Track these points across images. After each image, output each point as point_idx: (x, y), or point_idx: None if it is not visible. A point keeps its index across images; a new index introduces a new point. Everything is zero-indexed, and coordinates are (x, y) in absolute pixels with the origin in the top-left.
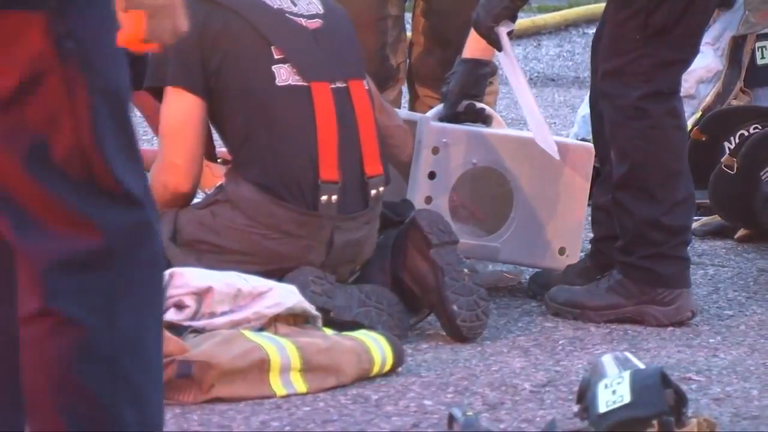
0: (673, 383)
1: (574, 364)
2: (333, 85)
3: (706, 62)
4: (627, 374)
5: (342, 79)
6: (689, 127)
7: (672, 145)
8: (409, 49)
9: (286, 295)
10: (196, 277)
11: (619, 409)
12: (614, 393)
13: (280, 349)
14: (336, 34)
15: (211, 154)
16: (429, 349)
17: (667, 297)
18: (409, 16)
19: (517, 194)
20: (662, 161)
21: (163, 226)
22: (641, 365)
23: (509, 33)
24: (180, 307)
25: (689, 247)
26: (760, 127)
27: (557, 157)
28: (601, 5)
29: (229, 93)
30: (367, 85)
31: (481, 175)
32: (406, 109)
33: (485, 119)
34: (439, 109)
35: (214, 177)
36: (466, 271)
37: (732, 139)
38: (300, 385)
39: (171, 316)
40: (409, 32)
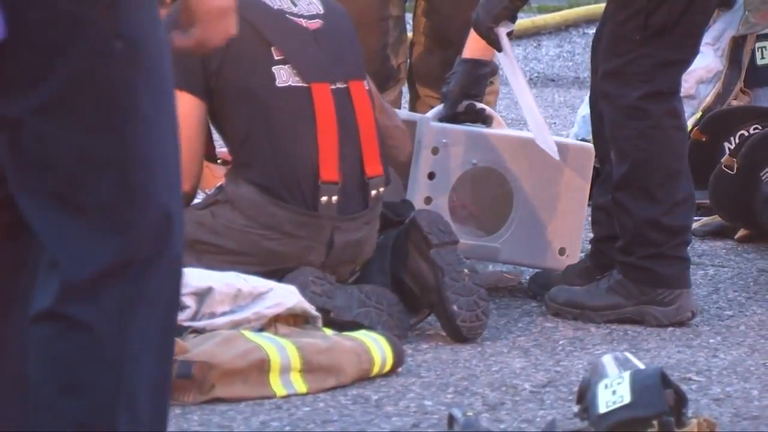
0: (673, 383)
1: (574, 365)
2: (333, 86)
3: (706, 62)
4: (627, 374)
5: (342, 80)
6: (689, 128)
7: (672, 145)
8: (410, 49)
9: (286, 296)
10: (196, 277)
11: (619, 409)
12: (614, 393)
13: (280, 350)
14: (336, 35)
15: (211, 155)
16: (429, 350)
17: (667, 297)
18: (409, 17)
19: (517, 194)
20: (662, 161)
21: None
22: (641, 365)
23: (509, 33)
24: (180, 307)
25: (689, 248)
26: (760, 128)
27: (557, 157)
28: (601, 5)
29: (230, 94)
30: (367, 86)
31: (481, 176)
32: (406, 110)
33: (485, 119)
34: (439, 109)
35: (214, 178)
36: (466, 271)
37: (732, 139)
38: (300, 386)
39: None
40: (410, 32)
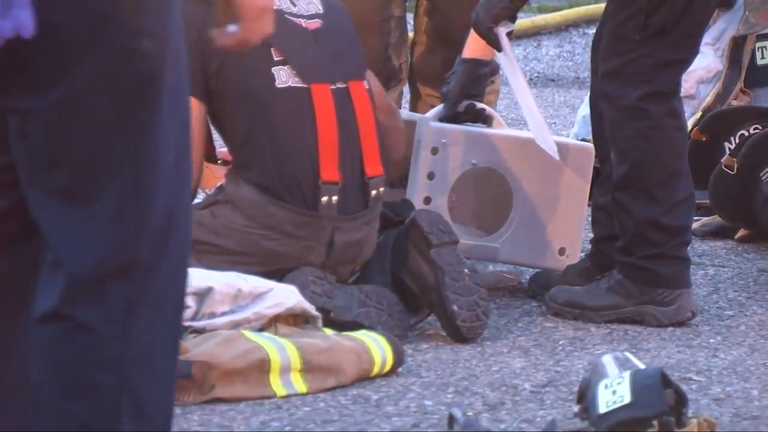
0: (673, 383)
1: (574, 365)
2: (333, 86)
3: (706, 62)
4: (627, 374)
5: (342, 80)
6: (689, 128)
7: (672, 145)
8: (411, 49)
9: (286, 296)
10: (196, 277)
11: (620, 409)
12: (614, 393)
13: (281, 350)
14: (336, 34)
15: (211, 156)
16: (429, 350)
17: (667, 297)
18: (410, 16)
19: (516, 194)
20: (662, 161)
21: None
22: (641, 365)
23: (509, 33)
24: None
25: (689, 248)
26: (760, 128)
27: (557, 157)
28: (602, 5)
29: (230, 95)
30: (367, 85)
31: (481, 176)
32: (406, 109)
33: (485, 119)
34: (439, 109)
35: (215, 178)
36: (467, 271)
37: (732, 139)
38: (300, 386)
39: None
40: (410, 32)
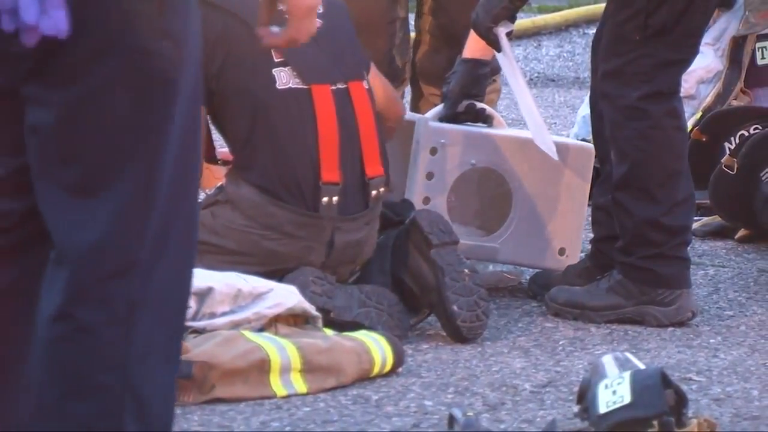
0: (673, 383)
1: (574, 365)
2: (333, 87)
3: (706, 62)
4: (627, 375)
5: (342, 81)
6: (689, 128)
7: (672, 145)
8: (414, 48)
9: (286, 296)
10: (196, 277)
11: (620, 409)
12: (614, 393)
13: (281, 350)
14: (336, 34)
15: (211, 156)
16: (429, 350)
17: (667, 297)
18: (411, 16)
19: (516, 195)
20: (662, 161)
21: None
22: (641, 366)
23: (508, 34)
24: None
25: (689, 248)
26: (760, 128)
27: (556, 158)
28: (602, 5)
29: (230, 96)
30: (367, 85)
31: (480, 176)
32: (407, 109)
33: (486, 119)
34: (439, 109)
35: (215, 178)
36: (467, 271)
37: (732, 139)
38: (300, 386)
39: None
40: (411, 32)
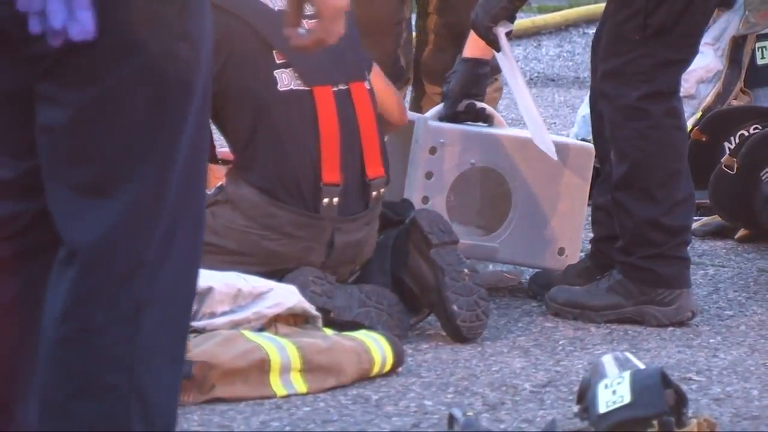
0: (673, 383)
1: (574, 365)
2: (335, 88)
3: (706, 62)
4: (627, 374)
5: (344, 82)
6: (689, 127)
7: (672, 145)
8: (417, 48)
9: (286, 295)
10: None
11: (620, 409)
12: (614, 393)
13: (281, 350)
14: None
15: (212, 155)
16: (429, 350)
17: (667, 297)
18: (412, 16)
19: (516, 194)
20: (662, 161)
21: None
22: (641, 365)
23: (508, 33)
24: None
25: (689, 247)
26: (760, 127)
27: (555, 157)
28: (602, 5)
29: (232, 96)
30: (368, 86)
31: (480, 176)
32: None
33: (486, 119)
34: (440, 108)
35: (215, 178)
36: (467, 271)
37: (732, 139)
38: (300, 386)
39: None
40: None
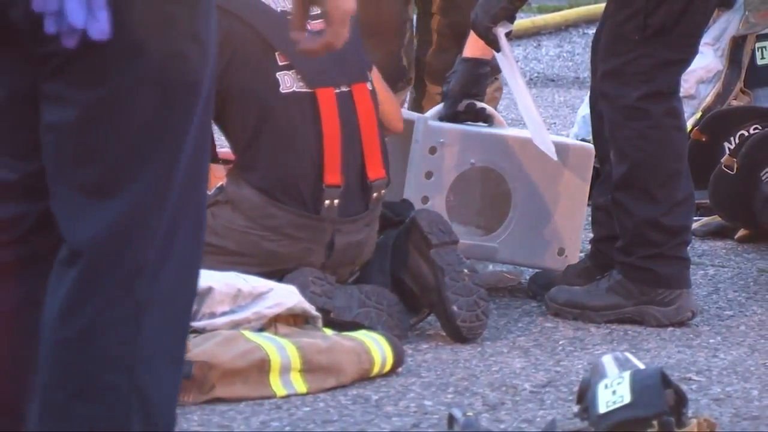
0: (673, 383)
1: (574, 365)
2: (337, 90)
3: (706, 62)
4: (627, 374)
5: (346, 84)
6: (689, 128)
7: (672, 145)
8: (420, 48)
9: (286, 296)
10: None
11: (620, 409)
12: (614, 393)
13: (280, 350)
14: None
15: (213, 154)
16: (429, 350)
17: (667, 297)
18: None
19: (515, 194)
20: (662, 161)
21: None
22: (641, 365)
23: (507, 34)
24: None
25: (689, 248)
26: (760, 128)
27: (555, 158)
28: (601, 5)
29: (234, 97)
30: (370, 86)
31: (479, 175)
32: (405, 107)
33: (486, 119)
34: (440, 108)
35: (215, 177)
36: (466, 271)
37: (732, 139)
38: (300, 386)
39: None
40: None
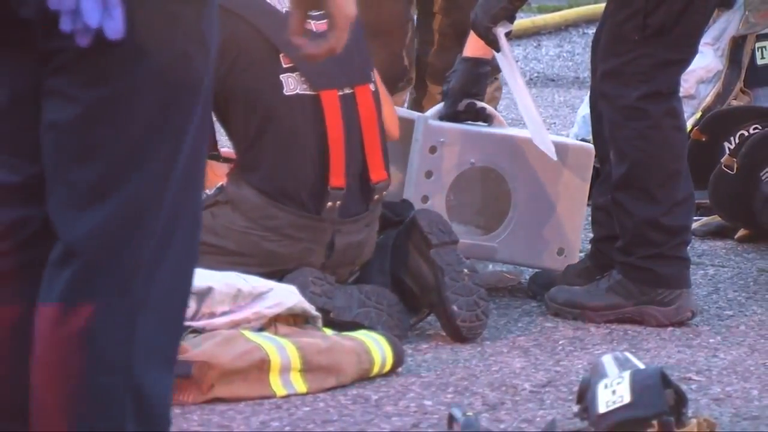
0: (673, 383)
1: (574, 365)
2: (341, 92)
3: (706, 62)
4: (627, 374)
5: (349, 86)
6: (689, 127)
7: (671, 145)
8: (421, 48)
9: (286, 296)
10: (195, 277)
11: (619, 409)
12: (614, 393)
13: (280, 350)
14: None
15: (213, 153)
16: (429, 349)
17: (667, 297)
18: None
19: (515, 194)
20: (662, 161)
21: None
22: (641, 365)
23: (507, 34)
24: None
25: (689, 247)
26: (760, 127)
27: (554, 158)
28: (601, 5)
29: (237, 98)
30: (373, 87)
31: (479, 175)
32: (406, 107)
33: (486, 118)
34: (439, 107)
35: (215, 176)
36: (466, 271)
37: (732, 139)
38: (300, 386)
39: None
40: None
